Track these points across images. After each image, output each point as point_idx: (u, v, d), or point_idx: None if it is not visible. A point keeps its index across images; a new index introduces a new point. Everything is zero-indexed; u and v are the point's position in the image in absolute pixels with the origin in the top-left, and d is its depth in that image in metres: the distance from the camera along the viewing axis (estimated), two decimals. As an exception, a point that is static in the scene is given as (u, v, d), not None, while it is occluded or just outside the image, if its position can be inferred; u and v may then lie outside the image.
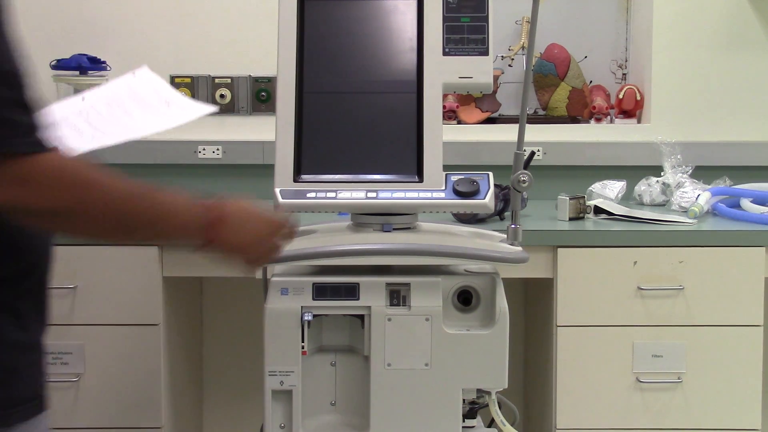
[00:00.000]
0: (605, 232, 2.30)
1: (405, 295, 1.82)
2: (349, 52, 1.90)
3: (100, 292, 2.26)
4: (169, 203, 1.35)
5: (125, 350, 2.28)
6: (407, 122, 1.86)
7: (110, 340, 2.27)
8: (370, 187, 1.82)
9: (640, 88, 2.99)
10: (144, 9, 2.88)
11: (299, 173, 1.84)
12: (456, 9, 1.89)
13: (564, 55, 3.03)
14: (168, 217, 1.36)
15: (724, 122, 2.94)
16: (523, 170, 1.86)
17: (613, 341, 2.27)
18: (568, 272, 2.26)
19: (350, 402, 1.88)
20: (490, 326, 1.83)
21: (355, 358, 1.87)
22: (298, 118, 1.85)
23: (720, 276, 2.26)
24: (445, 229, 2.01)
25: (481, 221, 2.36)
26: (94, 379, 2.27)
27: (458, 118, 3.01)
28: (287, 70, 1.86)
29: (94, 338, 2.27)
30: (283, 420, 1.84)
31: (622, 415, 2.28)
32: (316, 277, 1.82)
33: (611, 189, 2.61)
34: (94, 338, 2.27)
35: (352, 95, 1.89)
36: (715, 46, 2.93)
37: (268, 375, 1.82)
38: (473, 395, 1.88)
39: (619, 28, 3.13)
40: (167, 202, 1.35)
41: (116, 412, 2.28)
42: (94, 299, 2.26)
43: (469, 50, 1.88)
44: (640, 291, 2.26)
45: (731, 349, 2.27)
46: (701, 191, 2.54)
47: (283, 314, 1.81)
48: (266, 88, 2.85)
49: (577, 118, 3.04)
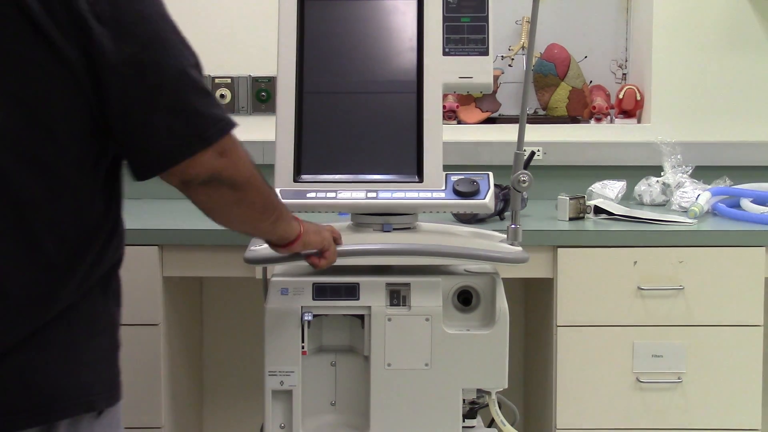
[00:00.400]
0: (605, 232, 2.30)
1: (405, 295, 1.82)
2: (349, 52, 1.90)
3: (100, 292, 2.26)
4: (278, 198, 1.58)
5: (125, 350, 2.26)
6: (407, 122, 1.86)
7: (110, 340, 2.26)
8: (370, 187, 1.82)
9: (640, 88, 2.99)
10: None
11: (299, 173, 1.84)
12: (456, 9, 1.89)
13: (564, 55, 3.03)
14: (283, 209, 1.57)
15: (724, 122, 2.93)
16: (523, 170, 1.86)
17: (613, 341, 2.27)
18: (568, 272, 2.26)
19: (350, 402, 1.88)
20: (490, 326, 1.84)
21: (355, 358, 1.87)
22: (298, 118, 1.85)
23: (720, 276, 2.26)
24: (445, 229, 2.01)
25: (481, 221, 2.36)
26: (94, 379, 2.26)
27: (458, 118, 3.01)
28: (287, 70, 1.86)
29: (94, 338, 2.26)
30: (283, 420, 1.84)
31: (622, 415, 2.28)
32: (316, 277, 1.82)
33: (611, 189, 2.61)
34: (94, 338, 2.26)
35: (352, 95, 1.89)
36: (715, 46, 2.93)
37: (268, 375, 1.82)
38: (473, 395, 1.88)
39: (619, 28, 3.13)
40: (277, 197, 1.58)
41: (116, 412, 2.27)
42: (94, 299, 2.26)
43: (469, 50, 1.88)
44: (640, 291, 2.26)
45: (731, 349, 2.27)
46: (701, 191, 2.54)
47: (283, 314, 1.81)
48: (266, 88, 2.85)
49: (577, 118, 3.04)
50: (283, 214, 1.59)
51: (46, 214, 1.27)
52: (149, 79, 1.27)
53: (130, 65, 1.25)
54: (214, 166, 1.35)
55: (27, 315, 1.28)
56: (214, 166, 1.35)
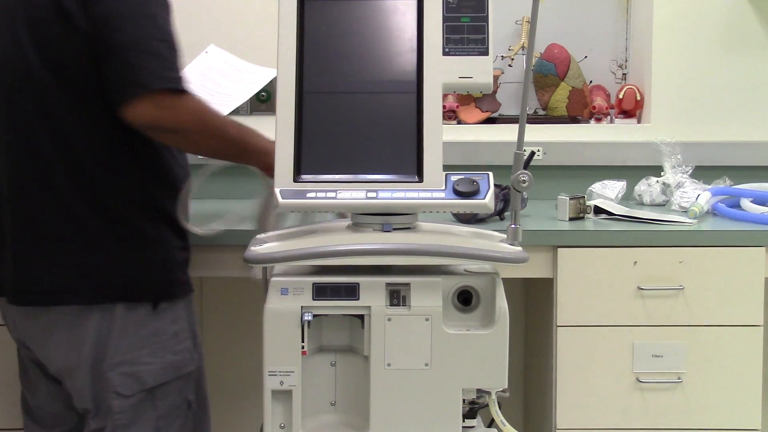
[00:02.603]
0: (605, 232, 2.30)
1: (405, 295, 1.82)
2: (349, 52, 1.89)
3: (100, 292, 2.25)
4: (254, 132, 1.99)
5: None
6: (407, 122, 1.86)
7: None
8: (370, 187, 1.82)
9: (640, 88, 2.99)
10: (144, 9, 2.88)
11: (299, 173, 1.83)
12: (456, 9, 1.88)
13: (564, 55, 3.03)
14: (249, 142, 1.97)
15: (724, 122, 2.94)
16: (523, 170, 1.86)
17: (613, 341, 2.27)
18: (568, 272, 2.26)
19: (350, 402, 1.88)
20: (490, 326, 1.83)
21: (355, 358, 1.87)
22: (298, 118, 1.85)
23: (720, 276, 2.26)
24: (445, 229, 2.01)
25: (481, 221, 2.36)
26: (94, 379, 2.26)
27: (458, 118, 3.01)
28: (287, 70, 1.86)
29: (94, 338, 2.26)
30: (283, 420, 1.84)
31: (622, 415, 2.28)
32: (316, 277, 1.82)
33: (611, 189, 2.61)
34: (94, 338, 2.26)
35: (352, 95, 1.89)
36: (715, 46, 2.93)
37: (267, 375, 1.82)
38: (473, 395, 1.88)
39: (619, 28, 3.13)
40: (252, 131, 1.99)
41: (116, 412, 2.27)
42: (94, 299, 2.26)
43: (469, 50, 1.87)
44: (640, 291, 2.26)
45: (731, 349, 2.27)
46: (701, 191, 2.54)
47: (282, 314, 1.81)
48: (266, 88, 2.85)
49: (577, 118, 3.04)
50: (248, 150, 1.96)
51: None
52: (116, 40, 1.76)
53: (105, 28, 1.77)
54: (152, 114, 1.77)
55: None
56: (153, 115, 1.77)
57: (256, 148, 1.97)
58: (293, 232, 1.98)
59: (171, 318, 1.96)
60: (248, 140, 1.97)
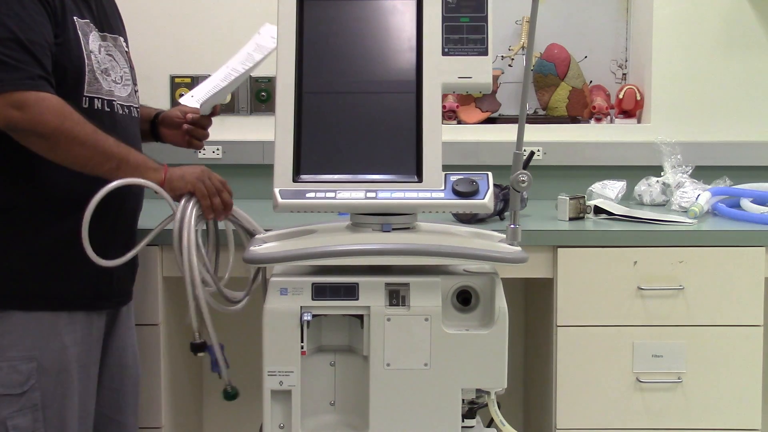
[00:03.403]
0: (605, 232, 2.30)
1: (404, 295, 1.82)
2: (349, 52, 1.89)
3: (99, 292, 2.25)
4: (128, 149, 1.85)
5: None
6: (407, 122, 1.86)
7: (110, 340, 2.26)
8: (370, 187, 1.82)
9: (640, 88, 2.99)
10: (144, 9, 2.88)
11: (299, 173, 1.83)
12: (455, 9, 1.89)
13: (564, 55, 3.03)
14: (130, 155, 1.84)
15: (724, 122, 2.94)
16: (522, 170, 1.86)
17: (613, 341, 2.27)
18: (568, 272, 2.26)
19: (349, 402, 1.88)
20: (489, 326, 1.83)
21: (355, 358, 1.87)
22: (298, 118, 1.85)
23: (720, 276, 2.26)
24: (445, 229, 2.01)
25: (480, 221, 2.36)
26: (94, 379, 2.26)
27: (458, 118, 3.01)
28: (287, 70, 1.86)
29: (93, 338, 2.26)
30: (283, 420, 1.84)
31: (622, 415, 2.28)
32: (316, 277, 1.82)
33: (611, 189, 2.61)
34: (94, 338, 2.26)
35: (351, 95, 1.89)
36: (715, 46, 2.93)
37: (267, 375, 1.82)
38: (472, 395, 1.88)
39: (619, 28, 3.13)
40: (127, 148, 1.85)
41: (116, 412, 2.27)
42: (93, 299, 2.26)
43: (468, 50, 1.87)
44: (640, 291, 2.26)
45: (731, 349, 2.27)
46: (701, 191, 2.54)
47: (282, 314, 1.81)
48: (266, 88, 2.85)
49: (577, 118, 3.04)
50: (129, 163, 1.83)
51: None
52: None
53: None
54: (8, 115, 1.71)
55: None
56: (9, 116, 1.71)
57: (138, 162, 1.86)
58: (293, 232, 1.98)
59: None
60: (129, 154, 1.85)
